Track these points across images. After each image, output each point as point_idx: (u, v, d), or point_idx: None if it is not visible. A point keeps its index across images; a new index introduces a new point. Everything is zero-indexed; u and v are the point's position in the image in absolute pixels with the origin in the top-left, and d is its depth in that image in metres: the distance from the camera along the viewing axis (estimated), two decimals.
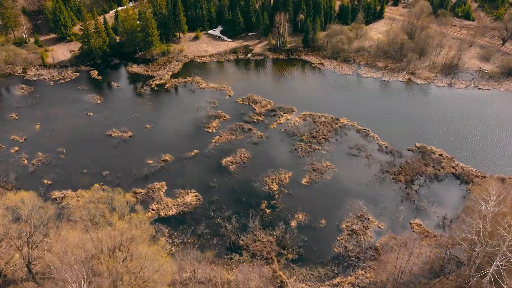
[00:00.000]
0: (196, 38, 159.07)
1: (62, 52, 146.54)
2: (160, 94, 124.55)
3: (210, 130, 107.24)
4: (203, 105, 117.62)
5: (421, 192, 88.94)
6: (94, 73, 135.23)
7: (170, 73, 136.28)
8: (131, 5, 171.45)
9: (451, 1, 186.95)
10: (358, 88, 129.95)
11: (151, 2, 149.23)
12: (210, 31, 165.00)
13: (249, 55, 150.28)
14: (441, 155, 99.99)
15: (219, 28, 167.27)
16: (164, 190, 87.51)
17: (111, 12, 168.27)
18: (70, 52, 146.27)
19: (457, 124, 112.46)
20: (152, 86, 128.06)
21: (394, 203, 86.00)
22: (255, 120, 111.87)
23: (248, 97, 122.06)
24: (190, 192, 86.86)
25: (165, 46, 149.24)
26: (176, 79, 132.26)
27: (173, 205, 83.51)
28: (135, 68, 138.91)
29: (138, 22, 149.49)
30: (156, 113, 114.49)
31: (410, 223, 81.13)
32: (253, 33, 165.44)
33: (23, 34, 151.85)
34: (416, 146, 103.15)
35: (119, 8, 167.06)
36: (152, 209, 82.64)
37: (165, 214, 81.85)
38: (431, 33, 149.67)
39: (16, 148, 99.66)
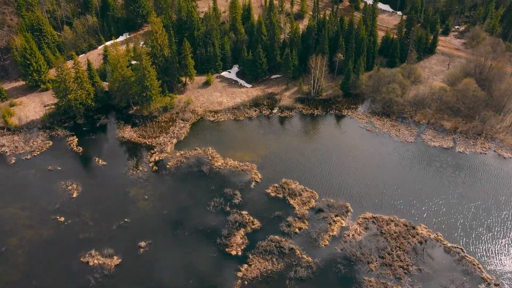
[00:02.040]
0: (206, 83, 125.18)
1: (33, 106, 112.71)
2: (161, 179, 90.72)
3: (233, 252, 73.53)
4: (221, 201, 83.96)
5: None
6: (73, 141, 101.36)
7: (174, 141, 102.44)
8: (124, 38, 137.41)
9: None
10: (428, 167, 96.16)
11: (149, 42, 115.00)
12: (224, 73, 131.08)
13: (275, 110, 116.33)
14: None
15: (235, 68, 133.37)
16: None
17: (99, 47, 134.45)
18: (44, 106, 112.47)
19: None
20: (150, 165, 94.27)
21: None
22: (297, 229, 78.15)
23: (282, 185, 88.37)
24: None
25: (167, 98, 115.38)
26: (182, 152, 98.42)
27: None
28: (128, 133, 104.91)
29: (134, 62, 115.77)
30: (155, 217, 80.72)
31: None
32: (278, 75, 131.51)
33: None
34: None
35: (108, 43, 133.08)
36: None
37: None
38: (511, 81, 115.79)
39: None
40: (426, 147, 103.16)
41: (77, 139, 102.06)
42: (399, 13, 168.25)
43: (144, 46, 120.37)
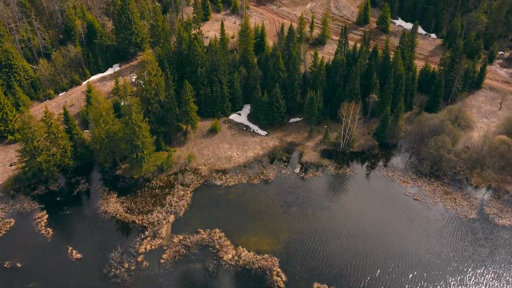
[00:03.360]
0: (212, 131, 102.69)
1: None
2: (153, 282, 68.36)
3: None
4: None
5: None
6: (42, 219, 79.15)
7: (172, 218, 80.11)
8: (114, 70, 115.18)
9: None
10: (494, 256, 73.88)
11: (141, 85, 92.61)
12: (233, 116, 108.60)
13: (297, 170, 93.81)
14: None
15: (246, 109, 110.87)
16: None
17: (84, 83, 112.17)
18: (10, 165, 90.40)
19: None
20: (140, 259, 71.90)
21: None
22: None
23: None
24: None
25: (163, 154, 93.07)
26: (181, 236, 76.06)
27: None
28: (113, 206, 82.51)
29: (124, 104, 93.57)
30: None
31: None
32: (298, 118, 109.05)
33: None
34: None
35: (94, 77, 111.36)
36: None
37: None
38: None
39: None
40: (493, 226, 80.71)
41: (47, 216, 79.83)
42: (433, 35, 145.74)
43: (136, 80, 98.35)
